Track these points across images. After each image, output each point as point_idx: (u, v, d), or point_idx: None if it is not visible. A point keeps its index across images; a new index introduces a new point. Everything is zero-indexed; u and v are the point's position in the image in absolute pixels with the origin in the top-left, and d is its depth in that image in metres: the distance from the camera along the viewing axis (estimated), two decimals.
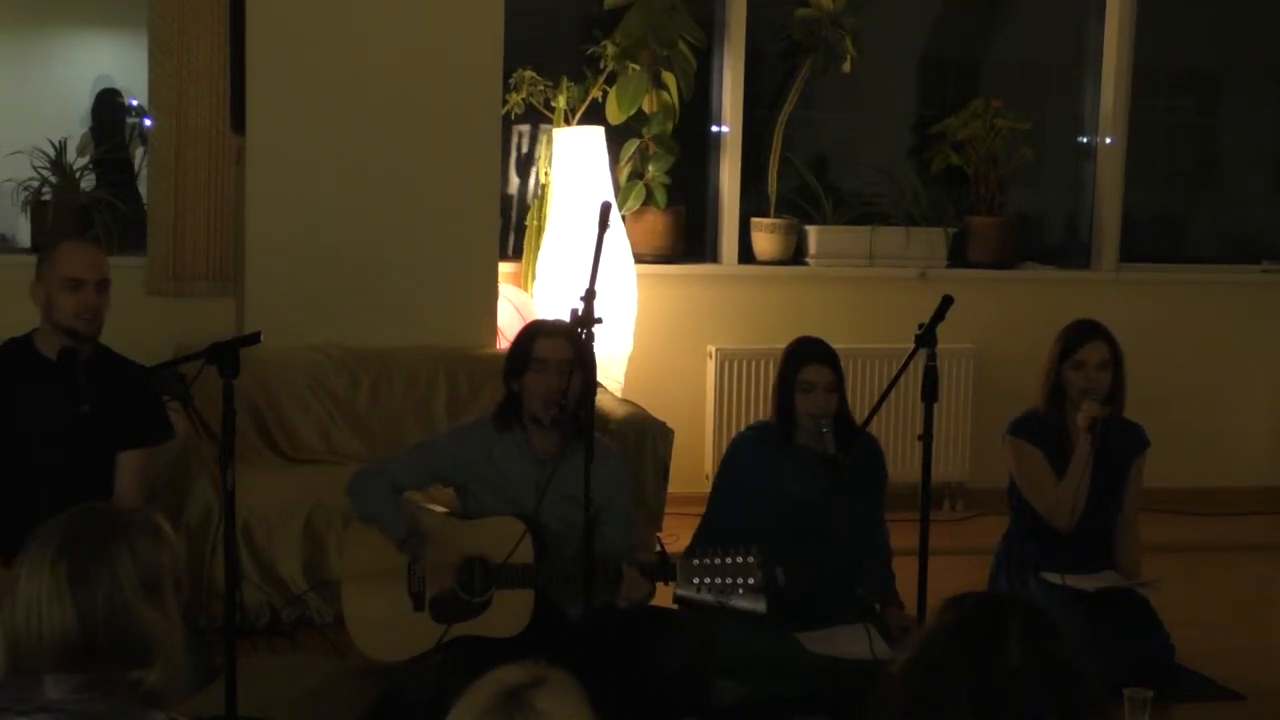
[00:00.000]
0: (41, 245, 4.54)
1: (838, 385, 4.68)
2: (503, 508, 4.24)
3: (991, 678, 2.08)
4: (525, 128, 6.95)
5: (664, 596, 4.38)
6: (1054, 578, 4.82)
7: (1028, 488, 4.95)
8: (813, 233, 7.15)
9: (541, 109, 6.70)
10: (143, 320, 5.93)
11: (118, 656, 2.25)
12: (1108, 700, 4.25)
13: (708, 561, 4.05)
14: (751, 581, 4.01)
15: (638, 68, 6.67)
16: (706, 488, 5.03)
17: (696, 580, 4.04)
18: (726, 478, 4.83)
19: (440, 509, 4.47)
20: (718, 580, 4.02)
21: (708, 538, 4.47)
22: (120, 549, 2.29)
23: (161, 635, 2.29)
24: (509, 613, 4.13)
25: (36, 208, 6.35)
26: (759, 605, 4.13)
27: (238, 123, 6.04)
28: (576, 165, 6.51)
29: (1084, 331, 4.93)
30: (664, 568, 4.09)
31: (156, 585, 2.31)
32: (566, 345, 4.27)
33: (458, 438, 4.43)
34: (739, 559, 4.02)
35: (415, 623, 4.22)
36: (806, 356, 4.71)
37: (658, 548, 4.26)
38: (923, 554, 4.29)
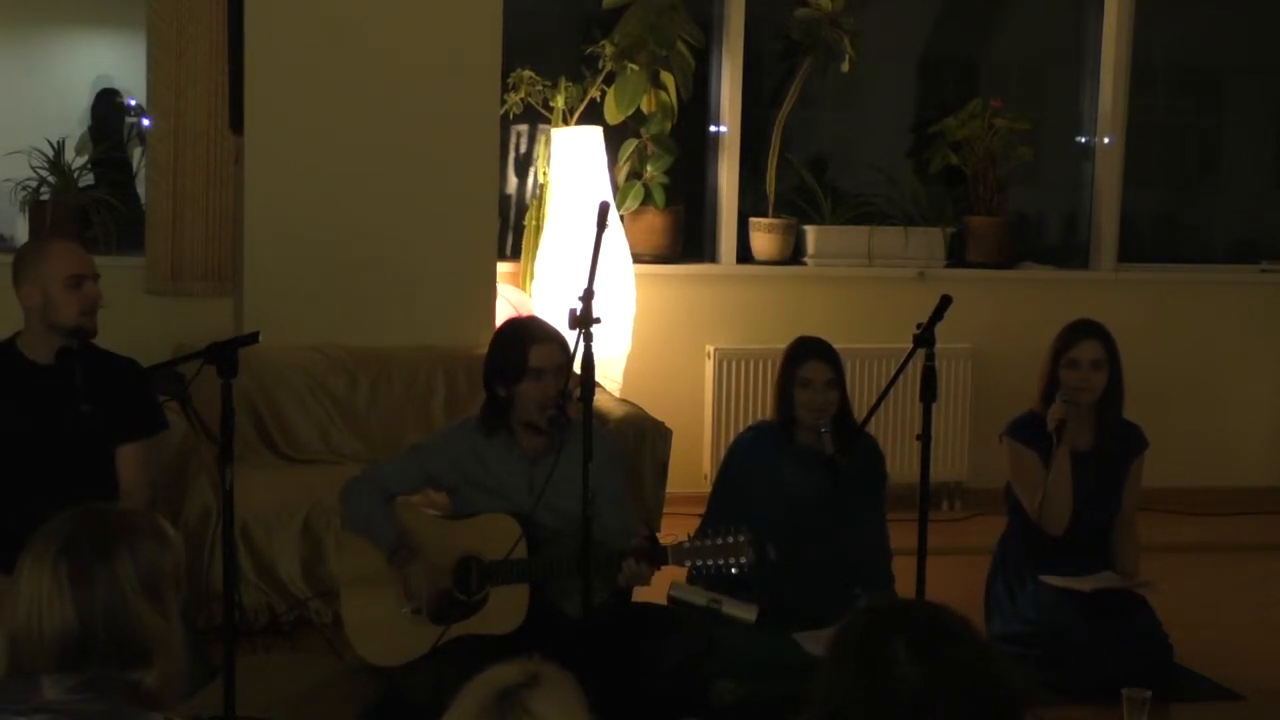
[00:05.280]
0: (20, 249, 4.46)
1: (837, 383, 4.68)
2: (496, 508, 4.23)
3: (896, 706, 1.93)
4: (524, 127, 6.95)
5: (663, 593, 4.38)
6: (1052, 580, 4.81)
7: (1020, 490, 4.94)
8: (811, 232, 7.15)
9: (540, 109, 6.70)
10: (141, 320, 5.94)
11: (116, 657, 2.25)
12: (1094, 697, 4.29)
13: (698, 543, 4.05)
14: (743, 560, 4.02)
15: (636, 67, 6.67)
16: (705, 488, 5.04)
17: (688, 563, 4.04)
18: (727, 478, 4.84)
19: (434, 512, 4.47)
20: (709, 561, 4.02)
21: None
22: (121, 550, 2.29)
23: (161, 637, 2.29)
24: (505, 609, 4.13)
25: (35, 208, 6.35)
26: (749, 614, 4.14)
27: (236, 123, 6.04)
28: (575, 165, 6.51)
29: (1079, 330, 4.92)
30: (655, 552, 4.08)
31: (157, 587, 2.31)
32: (558, 349, 4.26)
33: (446, 441, 4.41)
34: (729, 539, 4.03)
35: (414, 626, 4.21)
36: (805, 354, 4.72)
37: (646, 532, 4.26)
38: (921, 554, 4.29)
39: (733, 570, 4.03)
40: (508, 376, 4.28)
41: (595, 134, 6.57)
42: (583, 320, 3.76)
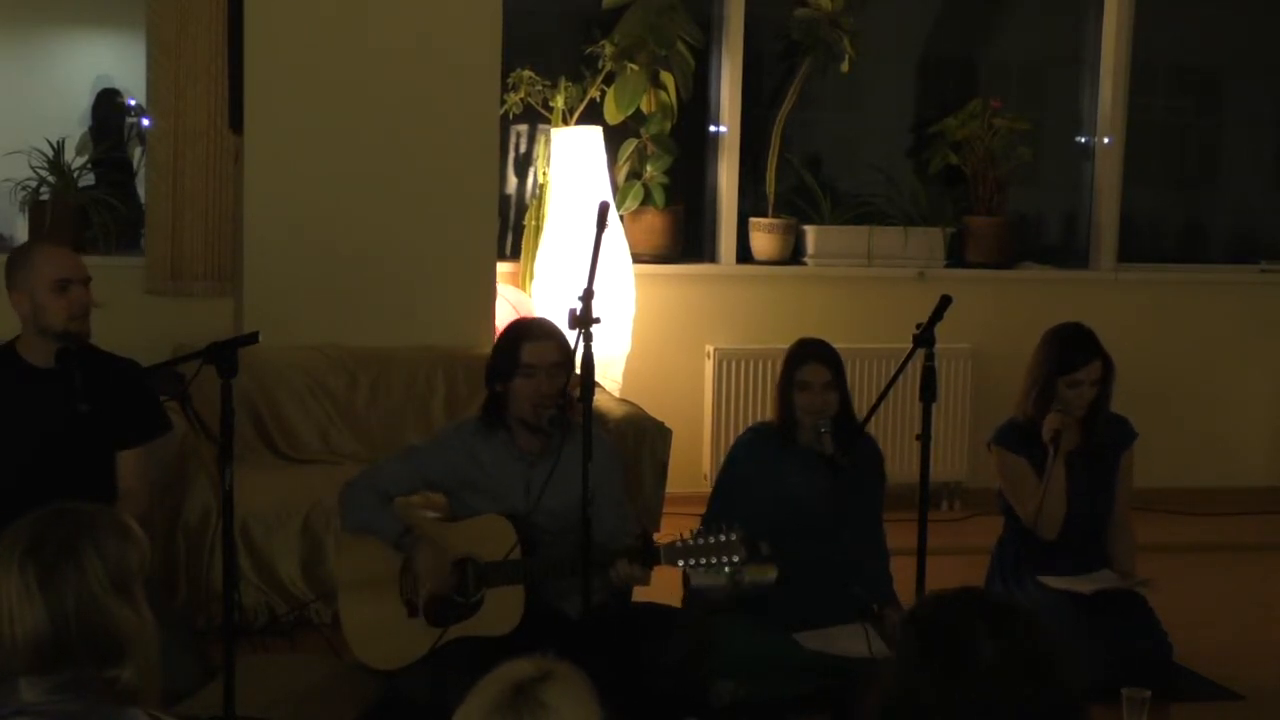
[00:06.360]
0: (11, 253, 4.44)
1: (837, 384, 4.68)
2: (493, 509, 4.23)
3: (971, 682, 2.00)
4: (523, 127, 6.95)
5: (662, 592, 4.38)
6: (1051, 581, 4.81)
7: (1013, 498, 4.94)
8: (811, 232, 7.15)
9: (540, 109, 6.70)
10: (141, 320, 5.94)
11: (91, 655, 2.26)
12: (1093, 697, 4.29)
13: (691, 543, 4.05)
14: (736, 559, 4.01)
15: (636, 67, 6.67)
16: (705, 488, 5.04)
17: (681, 562, 4.04)
18: (727, 478, 4.83)
19: (432, 513, 4.47)
20: (703, 560, 4.02)
21: None
22: (87, 548, 2.30)
23: (134, 633, 2.30)
24: (501, 610, 4.13)
25: (35, 208, 6.35)
26: (769, 575, 4.10)
27: (236, 122, 6.04)
28: (575, 165, 6.51)
29: (1081, 350, 4.86)
30: (647, 552, 4.08)
31: (126, 583, 2.32)
32: (553, 348, 4.26)
33: (442, 442, 4.42)
34: (721, 538, 4.02)
35: (412, 628, 4.21)
36: (804, 356, 4.73)
37: (640, 532, 4.26)
38: (920, 554, 4.29)
39: (726, 569, 4.03)
40: (502, 372, 4.30)
41: (595, 134, 6.57)
42: (582, 320, 3.76)
